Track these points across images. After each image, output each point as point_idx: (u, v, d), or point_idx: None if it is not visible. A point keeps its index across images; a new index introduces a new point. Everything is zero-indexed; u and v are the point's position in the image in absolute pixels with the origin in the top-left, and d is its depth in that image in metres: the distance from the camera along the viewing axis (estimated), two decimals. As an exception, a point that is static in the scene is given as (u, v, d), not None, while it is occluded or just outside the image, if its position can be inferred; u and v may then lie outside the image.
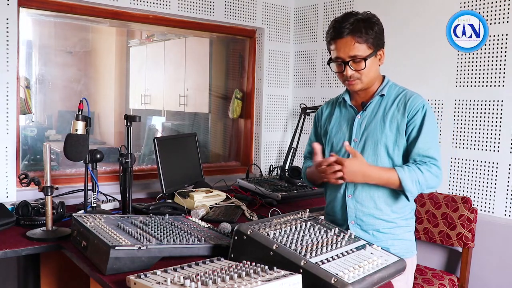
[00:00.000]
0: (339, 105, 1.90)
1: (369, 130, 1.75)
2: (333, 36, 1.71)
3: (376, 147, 1.72)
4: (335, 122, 1.88)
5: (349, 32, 1.66)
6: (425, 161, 1.67)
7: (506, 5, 2.34)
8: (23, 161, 2.67)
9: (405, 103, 1.71)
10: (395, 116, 1.72)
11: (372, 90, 1.79)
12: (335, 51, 1.72)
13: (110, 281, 1.35)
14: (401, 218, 1.77)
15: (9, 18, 2.33)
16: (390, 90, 1.78)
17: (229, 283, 1.12)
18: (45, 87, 3.07)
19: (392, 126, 1.72)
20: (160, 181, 2.42)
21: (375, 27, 1.70)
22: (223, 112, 3.66)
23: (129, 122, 2.03)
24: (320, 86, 3.30)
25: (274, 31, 3.39)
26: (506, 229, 2.37)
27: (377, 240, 1.73)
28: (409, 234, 1.81)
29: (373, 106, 1.78)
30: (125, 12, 2.78)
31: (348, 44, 1.67)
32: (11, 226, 1.93)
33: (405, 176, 1.63)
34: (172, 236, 1.57)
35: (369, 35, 1.68)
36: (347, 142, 1.68)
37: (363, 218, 1.76)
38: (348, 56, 1.68)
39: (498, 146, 2.40)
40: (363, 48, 1.68)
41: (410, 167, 1.65)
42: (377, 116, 1.75)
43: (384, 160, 1.72)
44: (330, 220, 1.88)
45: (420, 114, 1.68)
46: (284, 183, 2.89)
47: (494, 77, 2.40)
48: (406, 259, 1.74)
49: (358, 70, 1.69)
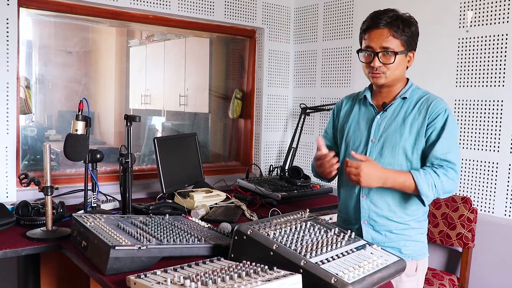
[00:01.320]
0: (359, 102, 1.87)
1: (388, 132, 1.73)
2: (369, 25, 1.69)
3: (394, 150, 1.70)
4: (353, 119, 1.85)
5: (386, 23, 1.65)
6: (442, 164, 1.64)
7: (506, 5, 2.34)
8: (23, 161, 2.67)
9: (427, 106, 1.69)
10: (416, 120, 1.70)
11: (395, 91, 1.77)
12: (367, 40, 1.69)
13: (110, 281, 1.35)
14: (414, 220, 1.75)
15: (9, 18, 2.33)
16: (413, 93, 1.76)
17: (229, 283, 1.12)
18: (45, 87, 3.07)
19: (413, 129, 1.69)
20: (160, 181, 2.42)
21: (412, 27, 1.69)
22: (223, 112, 3.66)
23: (129, 122, 2.03)
24: (320, 86, 3.30)
25: (274, 31, 3.39)
26: (506, 229, 2.37)
27: (389, 241, 1.73)
28: (422, 236, 1.79)
29: (394, 108, 1.75)
30: (125, 12, 2.78)
31: (382, 35, 1.65)
32: (11, 226, 1.93)
33: (421, 180, 1.60)
34: (172, 236, 1.57)
35: (405, 33, 1.66)
36: (353, 152, 1.65)
37: (376, 219, 1.75)
38: (380, 47, 1.66)
39: (498, 146, 2.40)
40: (396, 43, 1.66)
41: (426, 170, 1.63)
42: (397, 119, 1.73)
43: (402, 163, 1.70)
44: (342, 218, 1.88)
45: (441, 118, 1.66)
46: (284, 183, 2.89)
47: (494, 77, 2.40)
48: (418, 261, 1.75)
49: (387, 63, 1.67)
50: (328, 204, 2.70)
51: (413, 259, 1.74)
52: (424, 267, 1.82)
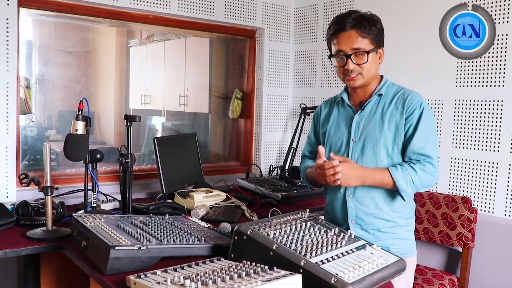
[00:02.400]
0: (337, 105, 1.90)
1: (368, 130, 1.75)
2: (336, 30, 1.71)
3: (376, 147, 1.73)
4: (333, 121, 1.88)
5: (352, 25, 1.68)
6: (419, 159, 1.67)
7: (506, 5, 2.34)
8: (23, 161, 2.67)
9: (403, 101, 1.72)
10: (393, 115, 1.72)
11: (370, 89, 1.79)
12: (337, 45, 1.72)
13: (110, 281, 1.35)
14: (401, 217, 1.77)
15: (9, 18, 2.33)
16: (388, 89, 1.78)
17: (229, 283, 1.12)
18: (45, 87, 3.07)
19: (391, 125, 1.72)
20: (160, 181, 2.42)
21: (377, 24, 1.72)
22: (223, 112, 3.66)
23: (129, 122, 2.03)
24: (320, 86, 3.30)
25: (274, 31, 3.39)
26: (506, 229, 2.37)
27: (377, 240, 1.74)
28: (409, 234, 1.81)
29: (371, 106, 1.78)
30: (125, 12, 2.78)
31: (351, 37, 1.68)
32: (11, 226, 1.93)
33: (399, 177, 1.64)
34: (172, 236, 1.57)
35: (372, 31, 1.69)
36: (332, 154, 1.67)
37: (363, 217, 1.76)
38: (351, 49, 1.68)
39: (498, 146, 2.40)
40: (366, 42, 1.69)
41: (403, 166, 1.66)
42: (375, 116, 1.76)
43: (383, 159, 1.72)
44: (329, 219, 1.88)
45: (417, 112, 1.69)
46: (284, 183, 2.89)
47: (494, 77, 2.40)
48: (406, 259, 1.74)
49: (360, 63, 1.69)
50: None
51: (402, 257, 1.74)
52: (413, 264, 1.84)
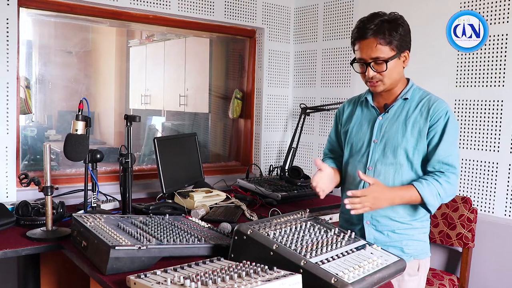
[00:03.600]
0: (361, 105, 1.88)
1: (390, 133, 1.74)
2: (357, 37, 1.69)
3: (396, 150, 1.71)
4: (355, 121, 1.87)
5: (372, 33, 1.64)
6: (443, 170, 1.66)
7: (506, 5, 2.34)
8: (23, 161, 2.66)
9: (429, 108, 1.70)
10: (417, 121, 1.70)
11: (396, 92, 1.77)
12: (358, 52, 1.70)
13: (110, 281, 1.35)
14: (416, 220, 1.76)
15: (9, 18, 2.32)
16: (414, 94, 1.76)
17: (229, 283, 1.12)
18: (45, 87, 3.07)
19: (414, 130, 1.70)
20: (160, 181, 2.42)
21: (399, 28, 1.67)
22: (223, 112, 3.65)
23: (129, 122, 2.03)
24: (320, 86, 3.30)
25: (274, 31, 3.39)
26: (506, 229, 2.37)
27: (391, 241, 1.74)
28: (424, 236, 1.80)
29: (396, 109, 1.76)
30: (125, 12, 2.78)
31: (370, 46, 1.65)
32: (11, 226, 1.93)
33: (426, 192, 1.62)
34: (172, 236, 1.57)
35: (393, 37, 1.65)
36: (359, 172, 1.63)
37: (378, 219, 1.75)
38: (370, 58, 1.67)
39: (498, 146, 2.40)
40: (386, 50, 1.66)
41: (428, 181, 1.64)
42: (399, 119, 1.74)
43: (403, 163, 1.71)
44: (344, 219, 1.89)
45: (442, 121, 1.67)
46: (284, 183, 2.89)
47: (494, 77, 2.40)
48: (420, 260, 1.75)
49: (380, 71, 1.67)
50: (328, 204, 2.69)
51: (415, 258, 1.75)
52: (426, 266, 1.82)
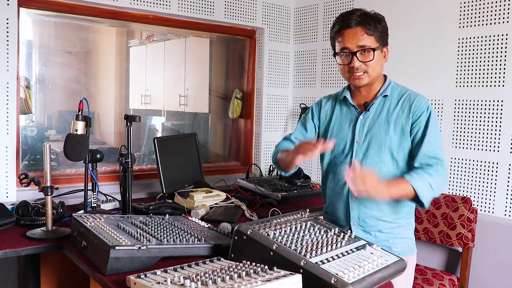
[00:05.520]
0: (340, 103, 1.86)
1: (372, 132, 1.73)
2: (341, 27, 1.68)
3: (381, 149, 1.70)
4: (335, 121, 1.85)
5: (358, 22, 1.65)
6: (431, 163, 1.64)
7: (506, 5, 2.34)
8: (23, 161, 2.67)
9: (410, 104, 1.69)
10: (399, 118, 1.70)
11: (375, 89, 1.77)
12: (342, 42, 1.68)
13: (110, 281, 1.35)
14: (402, 217, 1.76)
15: (9, 18, 2.32)
16: (393, 90, 1.76)
17: (229, 283, 1.12)
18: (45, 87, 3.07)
19: (397, 127, 1.69)
20: (160, 181, 2.42)
21: (382, 22, 1.70)
22: (223, 112, 3.65)
23: (129, 122, 2.03)
24: (320, 86, 3.30)
25: (274, 31, 3.39)
26: (506, 229, 2.37)
27: (378, 240, 1.73)
28: (410, 233, 1.80)
29: (376, 107, 1.75)
30: (125, 12, 2.78)
31: (357, 34, 1.65)
32: (11, 226, 1.93)
33: (419, 185, 1.57)
34: (172, 236, 1.57)
35: (377, 29, 1.67)
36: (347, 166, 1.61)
37: (366, 219, 1.75)
38: (357, 46, 1.65)
39: (498, 146, 2.40)
40: (371, 40, 1.66)
41: (418, 173, 1.61)
42: (380, 117, 1.73)
43: (388, 162, 1.70)
44: (330, 220, 1.87)
45: (425, 116, 1.67)
46: (284, 183, 2.89)
47: (494, 77, 2.40)
48: (407, 257, 1.75)
49: (366, 61, 1.67)
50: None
51: (403, 255, 1.74)
52: (413, 263, 1.83)
